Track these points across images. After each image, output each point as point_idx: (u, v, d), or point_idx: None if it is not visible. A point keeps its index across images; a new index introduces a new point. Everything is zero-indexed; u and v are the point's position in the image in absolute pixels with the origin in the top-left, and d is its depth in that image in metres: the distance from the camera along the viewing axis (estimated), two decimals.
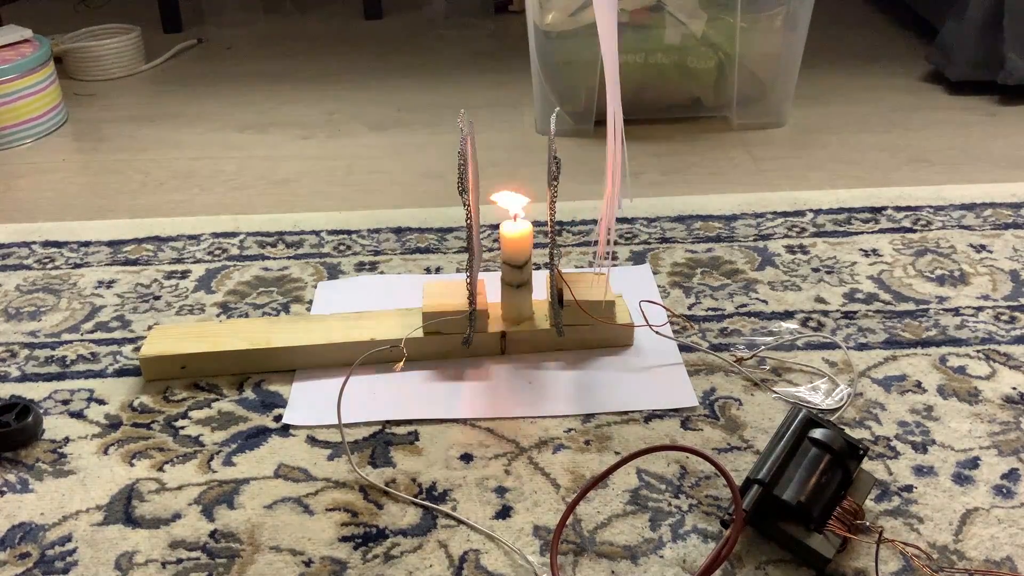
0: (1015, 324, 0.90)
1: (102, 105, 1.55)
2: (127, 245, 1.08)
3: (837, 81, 1.53)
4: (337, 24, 1.92)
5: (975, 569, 0.64)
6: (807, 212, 1.10)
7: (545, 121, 1.37)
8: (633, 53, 1.33)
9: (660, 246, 1.05)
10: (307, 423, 0.80)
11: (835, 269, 0.99)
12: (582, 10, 1.30)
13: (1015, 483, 0.72)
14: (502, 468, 0.75)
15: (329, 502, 0.72)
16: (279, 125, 1.44)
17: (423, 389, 0.84)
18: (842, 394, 0.81)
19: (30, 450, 0.78)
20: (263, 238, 1.09)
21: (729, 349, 0.88)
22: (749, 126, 1.37)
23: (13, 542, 0.69)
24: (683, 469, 0.74)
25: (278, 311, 0.96)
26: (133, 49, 1.68)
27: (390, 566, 0.66)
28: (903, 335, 0.89)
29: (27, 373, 0.88)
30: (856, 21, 1.81)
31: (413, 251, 1.06)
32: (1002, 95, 1.42)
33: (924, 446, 0.75)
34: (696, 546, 0.67)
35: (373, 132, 1.41)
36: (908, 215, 1.09)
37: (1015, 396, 0.81)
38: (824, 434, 0.68)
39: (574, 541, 0.68)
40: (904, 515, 0.69)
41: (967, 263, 1.00)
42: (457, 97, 1.53)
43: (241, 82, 1.62)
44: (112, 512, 0.72)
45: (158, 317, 0.95)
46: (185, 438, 0.79)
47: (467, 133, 0.79)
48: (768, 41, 1.34)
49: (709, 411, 0.80)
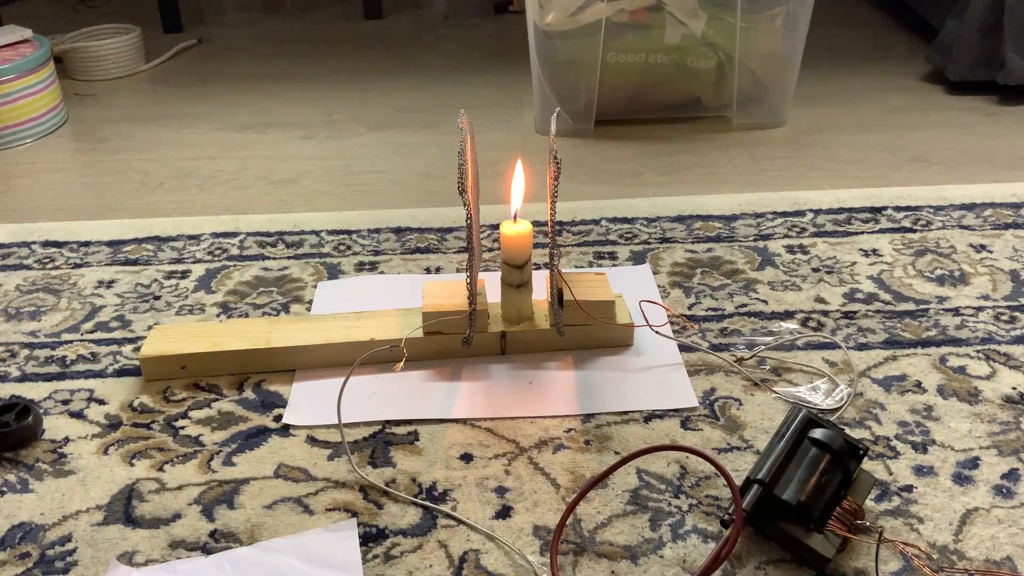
0: (1015, 324, 0.90)
1: (102, 105, 1.55)
2: (127, 245, 1.08)
3: (837, 81, 1.53)
4: (337, 24, 1.92)
5: (975, 569, 0.64)
6: (807, 212, 1.10)
7: (545, 121, 1.37)
8: (633, 53, 1.33)
9: (660, 246, 1.05)
10: (307, 423, 0.80)
11: (835, 269, 0.99)
12: (582, 10, 1.30)
13: (1015, 483, 0.72)
14: (502, 468, 0.75)
15: (329, 502, 0.72)
16: (279, 125, 1.44)
17: (423, 389, 0.84)
18: (842, 394, 0.81)
19: (30, 450, 0.78)
20: (263, 238, 1.09)
21: (729, 349, 0.88)
22: (749, 126, 1.37)
23: (13, 542, 0.69)
24: (683, 469, 0.74)
25: (278, 311, 0.96)
26: (133, 49, 1.68)
27: (390, 566, 0.66)
28: (903, 335, 0.89)
29: (27, 373, 0.88)
30: (856, 21, 1.81)
31: (413, 251, 1.06)
32: (1002, 95, 1.42)
33: (924, 446, 0.75)
34: (696, 546, 0.67)
35: (373, 132, 1.41)
36: (908, 215, 1.09)
37: (1015, 396, 0.81)
38: (824, 434, 0.68)
39: (574, 541, 0.68)
40: (904, 515, 0.69)
41: (967, 263, 1.00)
42: (457, 97, 1.53)
43: (241, 82, 1.62)
44: (112, 512, 0.72)
45: (158, 317, 0.95)
46: (185, 438, 0.79)
47: (467, 133, 0.79)
48: (768, 41, 1.34)
49: (709, 411, 0.80)
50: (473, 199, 0.80)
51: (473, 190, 0.80)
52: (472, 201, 0.79)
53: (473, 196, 0.80)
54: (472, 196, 0.79)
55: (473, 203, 0.80)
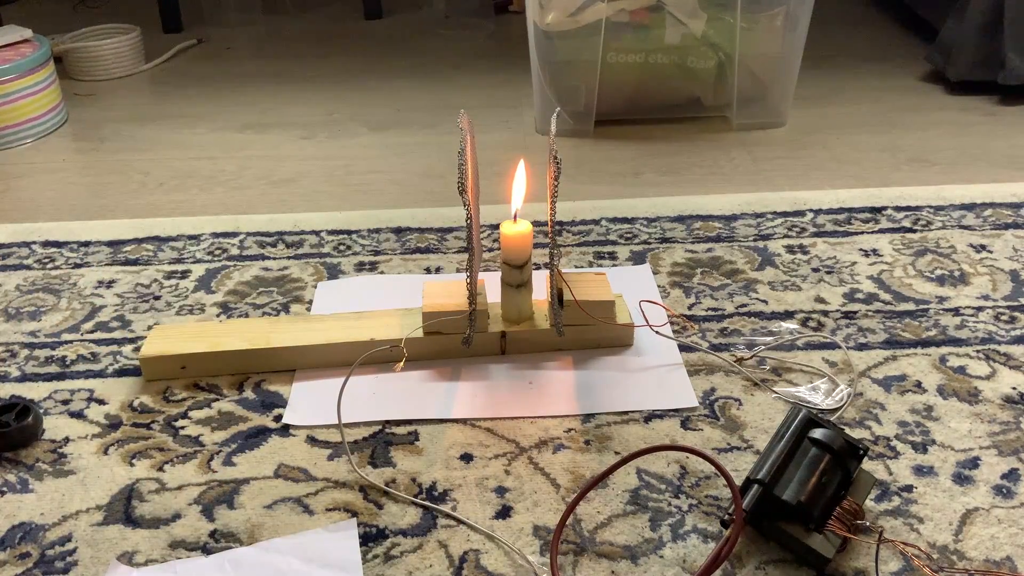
0: (1015, 324, 0.90)
1: (102, 105, 1.55)
2: (127, 245, 1.08)
3: (837, 81, 1.53)
4: (337, 24, 1.92)
5: (975, 569, 0.64)
6: (807, 212, 1.10)
7: (545, 121, 1.37)
8: (633, 53, 1.33)
9: (660, 246, 1.05)
10: (307, 423, 0.80)
11: (835, 269, 0.99)
12: (582, 10, 1.30)
13: (1015, 483, 0.72)
14: (502, 468, 0.75)
15: (329, 502, 0.72)
16: (279, 125, 1.44)
17: (423, 389, 0.84)
18: (842, 394, 0.81)
19: (30, 450, 0.78)
20: (263, 238, 1.09)
21: (729, 349, 0.88)
22: (749, 126, 1.37)
23: (13, 542, 0.69)
24: (683, 469, 0.74)
25: (278, 311, 0.96)
26: (133, 49, 1.68)
27: (390, 566, 0.66)
28: (903, 335, 0.89)
29: (27, 373, 0.88)
30: (856, 21, 1.81)
31: (413, 251, 1.06)
32: (1002, 95, 1.42)
33: (924, 446, 0.75)
34: (696, 546, 0.67)
35: (373, 132, 1.41)
36: (908, 215, 1.09)
37: (1015, 396, 0.81)
38: (824, 434, 0.68)
39: (574, 541, 0.68)
40: (904, 515, 0.69)
41: (967, 263, 1.00)
42: (457, 97, 1.53)
43: (241, 82, 1.62)
44: (112, 512, 0.72)
45: (158, 317, 0.95)
46: (185, 438, 0.79)
47: (467, 133, 0.79)
48: (768, 41, 1.34)
49: (709, 411, 0.80)
50: (473, 199, 0.80)
51: (473, 190, 0.80)
52: (472, 201, 0.79)
53: (473, 196, 0.80)
54: (472, 196, 0.79)
55: (473, 203, 0.80)
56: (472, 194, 0.79)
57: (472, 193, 0.79)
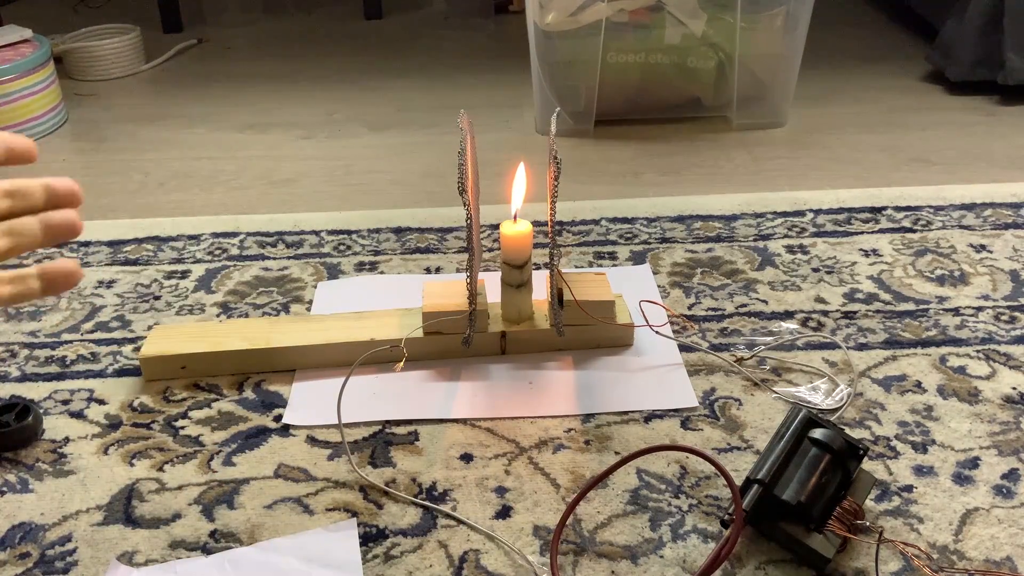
0: (1015, 324, 0.90)
1: (102, 105, 1.55)
2: (127, 245, 1.08)
3: (837, 81, 1.53)
4: (337, 24, 1.92)
5: (975, 569, 0.64)
6: (807, 212, 1.10)
7: (545, 121, 1.37)
8: (633, 53, 1.33)
9: (660, 246, 1.05)
10: (307, 423, 0.80)
11: (835, 269, 0.99)
12: (582, 10, 1.30)
13: (1015, 483, 0.72)
14: (502, 468, 0.75)
15: (329, 502, 0.72)
16: (279, 125, 1.44)
17: (423, 389, 0.84)
18: (842, 394, 0.81)
19: (30, 450, 0.78)
20: (263, 238, 1.09)
21: (729, 349, 0.88)
22: (749, 126, 1.37)
23: (13, 542, 0.69)
24: (683, 469, 0.74)
25: (278, 311, 0.96)
26: (133, 49, 1.68)
27: (390, 566, 0.66)
28: (903, 335, 0.89)
29: (27, 373, 0.88)
30: (856, 21, 1.81)
31: (413, 251, 1.06)
32: (1002, 95, 1.42)
33: (924, 446, 0.75)
34: (696, 546, 0.67)
35: (373, 132, 1.41)
36: (908, 215, 1.09)
37: (1015, 396, 0.81)
38: (824, 434, 0.68)
39: (574, 541, 0.68)
40: (904, 515, 0.69)
41: (967, 263, 1.00)
42: (457, 97, 1.53)
43: (241, 82, 1.62)
44: (112, 512, 0.72)
45: (158, 317, 0.95)
46: (185, 438, 0.79)
47: (467, 133, 0.79)
48: (768, 41, 1.34)
49: (709, 411, 0.80)
50: (473, 199, 0.80)
51: (473, 190, 0.80)
52: (472, 201, 0.79)
53: (473, 196, 0.80)
54: (472, 196, 0.79)
55: (473, 203, 0.80)
56: (472, 194, 0.79)
57: (472, 193, 0.79)
